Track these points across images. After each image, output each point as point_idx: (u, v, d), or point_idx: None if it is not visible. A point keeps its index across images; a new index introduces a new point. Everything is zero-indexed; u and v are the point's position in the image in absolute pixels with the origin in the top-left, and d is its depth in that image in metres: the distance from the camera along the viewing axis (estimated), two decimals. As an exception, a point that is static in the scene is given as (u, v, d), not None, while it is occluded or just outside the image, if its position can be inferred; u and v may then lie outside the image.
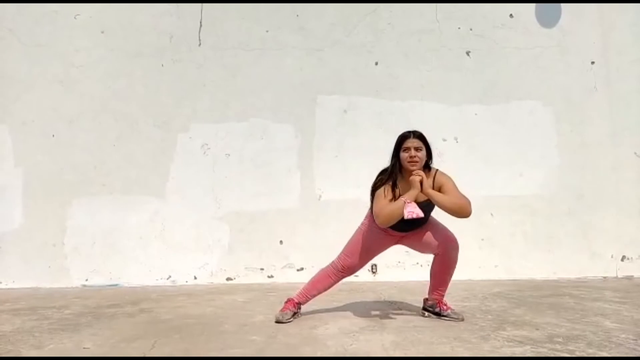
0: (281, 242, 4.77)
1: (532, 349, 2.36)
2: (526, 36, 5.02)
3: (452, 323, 2.93)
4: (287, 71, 4.93)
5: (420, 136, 2.92)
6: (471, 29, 5.01)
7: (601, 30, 5.05)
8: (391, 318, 3.10)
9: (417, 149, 2.87)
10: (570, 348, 2.37)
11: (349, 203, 4.75)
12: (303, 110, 4.89)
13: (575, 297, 3.75)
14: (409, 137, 2.91)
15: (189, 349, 2.46)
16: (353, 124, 4.90)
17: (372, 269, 4.81)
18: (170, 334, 2.76)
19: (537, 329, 2.74)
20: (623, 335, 2.60)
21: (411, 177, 2.85)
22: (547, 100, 4.98)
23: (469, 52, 5.01)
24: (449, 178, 2.95)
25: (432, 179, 2.92)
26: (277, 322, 2.99)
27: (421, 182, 2.82)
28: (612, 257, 4.88)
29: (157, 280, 4.73)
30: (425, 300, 3.18)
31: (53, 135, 4.80)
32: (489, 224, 4.88)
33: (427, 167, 2.96)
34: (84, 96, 4.84)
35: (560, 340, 2.52)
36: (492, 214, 4.89)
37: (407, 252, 4.80)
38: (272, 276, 4.73)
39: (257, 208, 4.76)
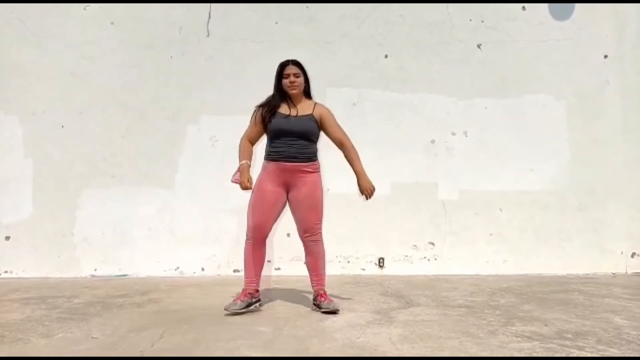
0: (288, 234, 4.76)
1: (541, 345, 2.34)
2: (539, 29, 4.95)
3: (461, 317, 2.92)
4: (296, 63, 4.89)
5: (298, 64, 3.21)
6: (483, 21, 4.96)
7: (615, 23, 4.98)
8: (399, 312, 3.09)
9: (295, 75, 3.17)
10: (580, 344, 2.35)
11: (358, 196, 4.73)
12: (312, 102, 4.86)
13: (585, 293, 3.72)
14: (288, 64, 3.19)
15: (197, 339, 2.47)
16: (363, 116, 4.87)
17: (379, 262, 4.80)
18: (178, 325, 2.78)
19: (546, 325, 2.73)
20: (634, 332, 2.57)
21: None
22: (559, 94, 4.93)
23: (481, 44, 4.96)
24: (330, 111, 3.27)
25: (312, 107, 3.22)
26: (226, 309, 3.00)
27: None
28: (622, 253, 4.84)
29: (165, 271, 4.76)
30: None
31: (63, 126, 4.81)
32: (498, 219, 4.85)
33: (308, 95, 3.29)
34: (94, 87, 4.84)
35: (569, 336, 2.50)
36: (501, 209, 4.86)
37: (414, 246, 4.86)
38: (279, 268, 4.74)
39: (265, 200, 4.76)
